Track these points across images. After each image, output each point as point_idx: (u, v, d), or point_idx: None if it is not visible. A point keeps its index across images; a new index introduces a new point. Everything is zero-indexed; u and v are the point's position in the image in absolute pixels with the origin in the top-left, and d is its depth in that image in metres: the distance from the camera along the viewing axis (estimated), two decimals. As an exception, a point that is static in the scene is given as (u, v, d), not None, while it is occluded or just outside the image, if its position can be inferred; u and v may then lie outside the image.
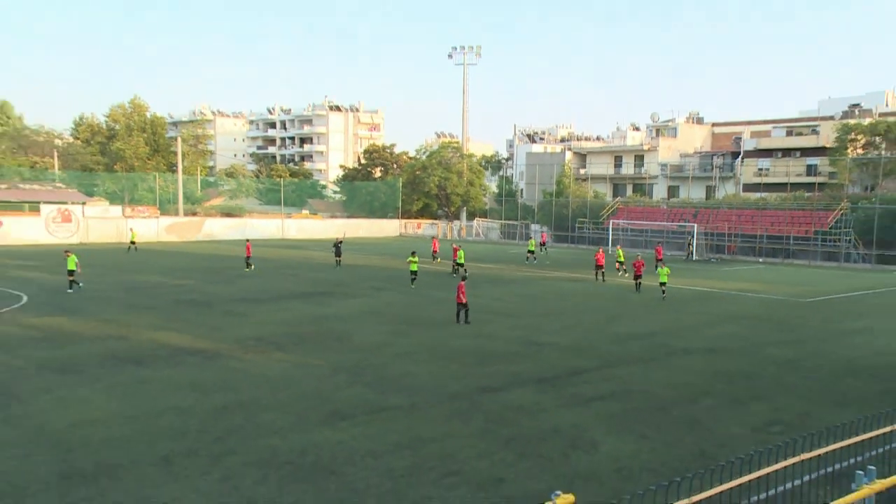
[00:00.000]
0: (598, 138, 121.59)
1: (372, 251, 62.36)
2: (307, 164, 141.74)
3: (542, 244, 62.28)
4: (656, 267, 41.43)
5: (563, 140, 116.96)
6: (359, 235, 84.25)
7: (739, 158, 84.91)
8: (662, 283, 34.96)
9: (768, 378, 19.44)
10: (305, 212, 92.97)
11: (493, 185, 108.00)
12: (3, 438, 13.32)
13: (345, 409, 15.73)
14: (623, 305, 32.54)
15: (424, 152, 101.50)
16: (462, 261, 43.06)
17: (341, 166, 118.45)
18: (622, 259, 45.85)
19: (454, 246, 45.23)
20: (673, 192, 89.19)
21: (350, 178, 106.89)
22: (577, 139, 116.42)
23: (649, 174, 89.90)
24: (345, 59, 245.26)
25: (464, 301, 25.74)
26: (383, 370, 19.24)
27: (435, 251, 53.80)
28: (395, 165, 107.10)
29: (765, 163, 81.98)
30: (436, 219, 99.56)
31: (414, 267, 37.09)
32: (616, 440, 14.33)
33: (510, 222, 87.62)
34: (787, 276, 49.78)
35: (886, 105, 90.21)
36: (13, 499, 10.82)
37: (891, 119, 73.82)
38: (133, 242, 57.05)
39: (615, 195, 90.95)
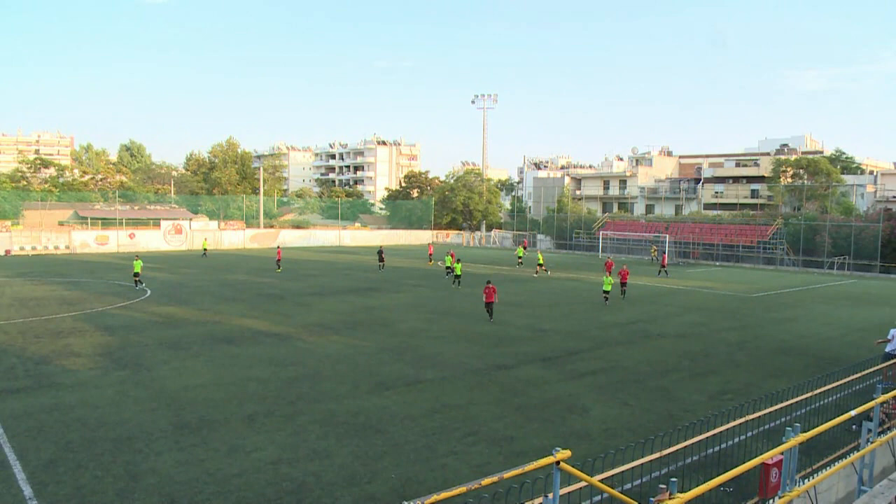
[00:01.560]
0: (590, 166, 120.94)
1: (410, 255, 61.72)
2: (359, 187, 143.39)
3: (524, 247, 61.09)
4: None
5: (563, 167, 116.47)
6: (400, 243, 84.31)
7: (700, 183, 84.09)
8: (606, 291, 29.65)
9: (721, 356, 19.34)
10: (358, 225, 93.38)
11: (506, 203, 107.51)
12: (136, 396, 14.14)
13: (388, 380, 15.86)
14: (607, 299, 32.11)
15: (452, 177, 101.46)
16: (449, 263, 36.99)
17: (386, 188, 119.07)
18: (541, 262, 41.12)
19: (450, 252, 41.26)
20: (649, 209, 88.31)
21: (393, 197, 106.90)
22: (574, 167, 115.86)
23: (631, 195, 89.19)
24: (389, 100, 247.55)
25: (492, 300, 23.56)
26: (419, 350, 19.27)
27: (430, 254, 52.06)
28: (428, 187, 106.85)
29: (720, 187, 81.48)
30: (461, 230, 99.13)
31: (450, 263, 34.13)
32: (604, 406, 14.33)
33: (520, 232, 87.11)
34: (737, 276, 49.12)
35: (806, 146, 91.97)
36: (143, 442, 11.72)
37: (810, 156, 75.71)
38: (205, 250, 55.52)
39: (604, 211, 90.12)
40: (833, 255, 55.70)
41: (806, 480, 8.03)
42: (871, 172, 78.50)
